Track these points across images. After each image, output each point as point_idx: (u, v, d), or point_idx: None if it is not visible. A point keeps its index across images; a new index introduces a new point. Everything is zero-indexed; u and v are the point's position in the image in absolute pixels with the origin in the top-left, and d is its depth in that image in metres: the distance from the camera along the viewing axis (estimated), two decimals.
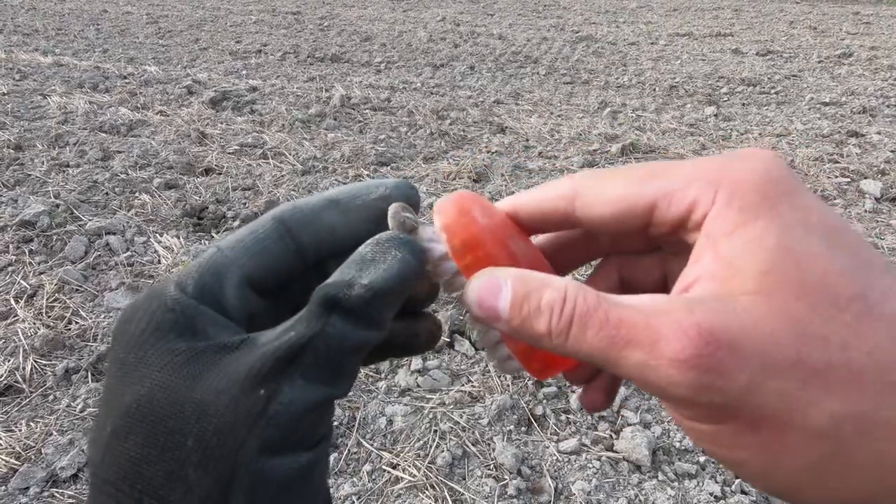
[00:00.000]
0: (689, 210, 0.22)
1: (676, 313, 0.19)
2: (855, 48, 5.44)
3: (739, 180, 0.21)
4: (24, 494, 1.18)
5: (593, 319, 0.20)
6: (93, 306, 1.72)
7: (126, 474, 0.20)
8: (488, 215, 0.25)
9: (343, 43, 5.67)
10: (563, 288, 0.21)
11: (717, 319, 0.19)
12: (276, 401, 0.20)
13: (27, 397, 1.41)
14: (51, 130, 2.96)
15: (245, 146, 2.91)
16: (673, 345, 0.18)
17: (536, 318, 0.21)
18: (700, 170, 0.22)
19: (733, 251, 0.20)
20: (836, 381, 0.18)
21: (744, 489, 1.19)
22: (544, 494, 1.18)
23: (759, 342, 0.18)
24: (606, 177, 0.24)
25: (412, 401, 1.41)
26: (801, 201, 0.20)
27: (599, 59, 5.23)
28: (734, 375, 0.18)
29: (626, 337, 0.19)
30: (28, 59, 4.48)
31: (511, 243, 0.25)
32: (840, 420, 0.18)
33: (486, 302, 0.22)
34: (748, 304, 0.19)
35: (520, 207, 0.27)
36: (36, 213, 2.09)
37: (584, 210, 0.24)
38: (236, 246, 0.25)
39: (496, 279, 0.22)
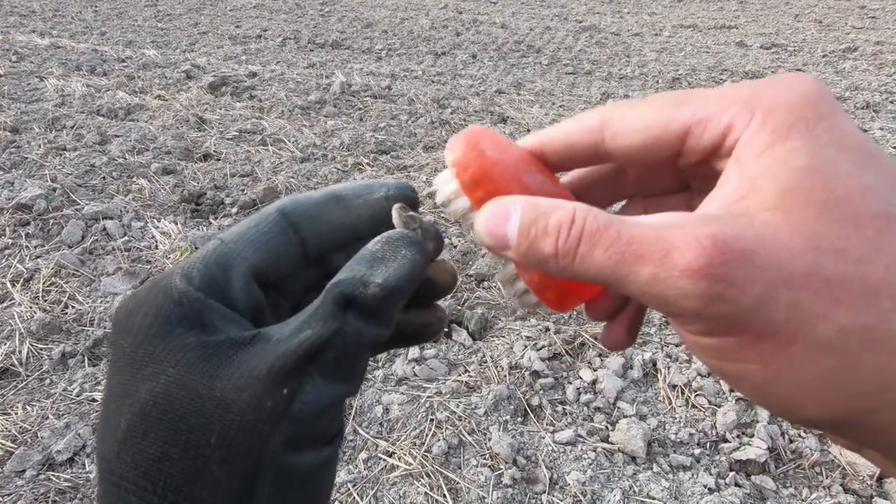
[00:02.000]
0: (724, 135, 0.21)
1: (690, 226, 0.19)
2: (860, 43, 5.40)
3: (776, 102, 0.20)
4: (21, 477, 1.18)
5: (603, 238, 0.19)
6: (89, 291, 1.72)
7: (146, 471, 0.20)
8: (502, 150, 0.25)
9: (344, 29, 5.61)
10: (572, 209, 0.20)
11: (731, 231, 0.18)
12: (299, 399, 0.21)
13: (23, 381, 1.41)
14: (48, 113, 2.93)
15: (244, 132, 2.89)
16: (686, 255, 0.18)
17: (543, 239, 0.21)
18: (736, 94, 0.21)
19: (759, 170, 0.20)
20: (850, 293, 0.18)
21: (737, 482, 1.19)
22: (539, 484, 1.19)
23: (775, 254, 0.18)
24: (637, 105, 0.23)
25: (409, 390, 1.41)
26: (837, 124, 0.20)
27: (603, 50, 5.18)
28: (747, 286, 0.18)
29: (637, 252, 0.19)
30: (25, 40, 4.43)
31: (526, 177, 0.25)
32: (848, 333, 0.18)
33: (495, 229, 0.22)
34: (767, 218, 0.19)
35: (546, 143, 0.26)
36: (32, 196, 2.08)
37: (613, 140, 0.23)
38: (240, 238, 0.25)
39: (505, 206, 0.22)
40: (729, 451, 1.25)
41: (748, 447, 1.25)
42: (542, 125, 3.20)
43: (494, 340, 1.57)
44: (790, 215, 0.19)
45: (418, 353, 1.50)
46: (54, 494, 1.15)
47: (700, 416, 1.35)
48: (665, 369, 1.46)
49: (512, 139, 0.27)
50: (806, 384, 0.19)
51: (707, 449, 1.27)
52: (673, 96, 0.22)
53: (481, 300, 1.73)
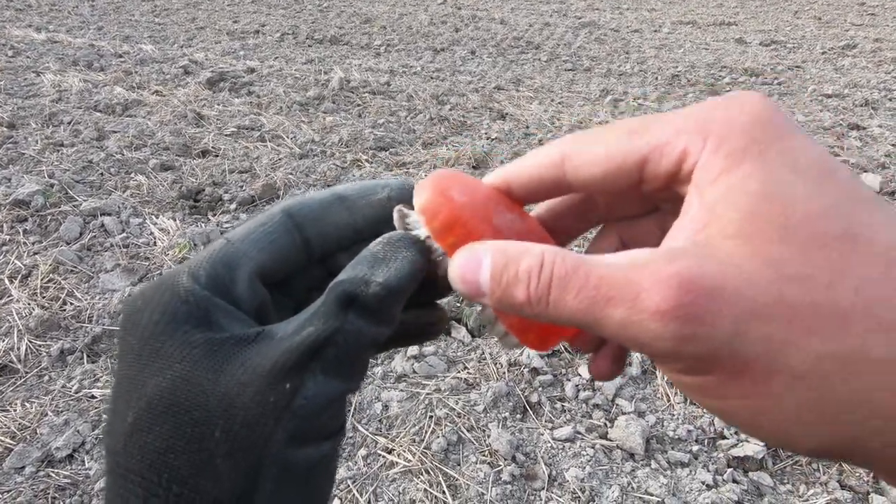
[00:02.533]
0: (680, 161, 0.21)
1: (655, 265, 0.19)
2: (859, 40, 5.39)
3: (727, 127, 0.20)
4: (20, 474, 1.18)
5: (572, 282, 0.19)
6: (88, 287, 1.71)
7: (152, 464, 0.21)
8: (469, 192, 0.25)
9: (343, 24, 5.59)
10: (541, 253, 0.20)
11: (696, 267, 0.18)
12: (301, 395, 0.21)
13: (22, 378, 1.41)
14: (45, 109, 2.92)
15: (242, 128, 2.88)
16: (654, 297, 0.18)
17: (515, 286, 0.21)
18: (689, 118, 0.21)
19: (716, 196, 0.19)
20: (821, 321, 0.17)
21: (735, 478, 1.20)
22: (538, 481, 1.19)
23: (741, 287, 0.18)
24: (593, 137, 0.23)
25: (408, 387, 1.41)
26: (791, 143, 0.20)
27: (602, 46, 5.17)
28: (717, 323, 0.18)
29: (607, 295, 0.19)
30: (21, 35, 4.40)
31: (496, 217, 0.25)
32: (824, 360, 0.17)
33: (469, 277, 0.22)
34: (729, 248, 0.18)
35: (510, 179, 0.26)
36: (30, 192, 2.07)
37: (574, 173, 0.24)
38: (246, 238, 0.25)
39: (476, 254, 0.22)
40: (727, 448, 1.26)
41: (746, 444, 1.26)
42: (541, 122, 3.19)
43: (493, 338, 1.57)
44: (751, 242, 0.18)
45: (417, 350, 1.51)
46: (54, 491, 1.15)
47: (698, 413, 1.35)
48: None
49: (510, 136, 0.26)
50: (790, 415, 0.18)
51: (705, 446, 1.28)
52: (630, 125, 0.23)
53: None
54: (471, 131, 3.03)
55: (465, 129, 3.06)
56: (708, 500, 1.14)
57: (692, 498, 1.16)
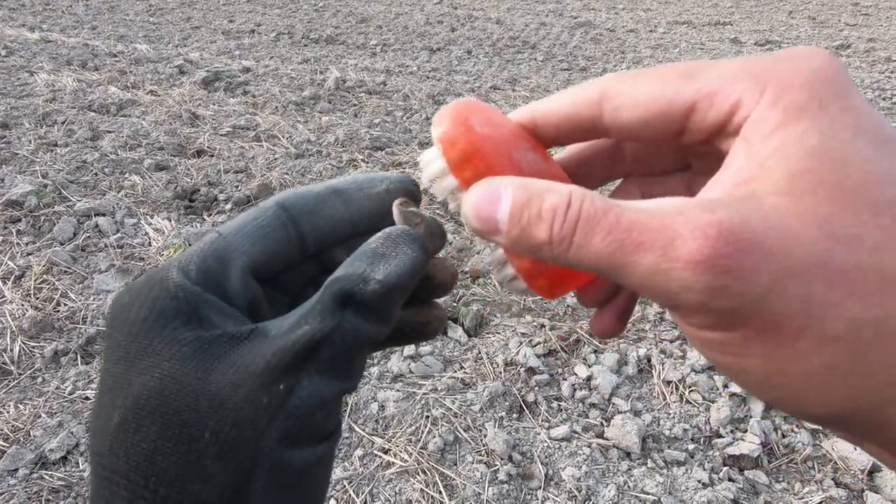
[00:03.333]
0: (732, 112, 0.20)
1: (695, 212, 0.17)
2: (853, 40, 5.42)
3: (788, 79, 0.19)
4: (13, 476, 1.17)
5: (601, 224, 0.18)
6: (82, 288, 1.70)
7: (138, 466, 0.20)
8: (491, 124, 0.23)
9: (338, 24, 5.58)
10: (568, 192, 0.19)
11: (739, 218, 0.17)
12: (296, 395, 0.20)
13: (16, 379, 1.40)
14: (38, 108, 2.90)
15: (238, 128, 2.87)
16: (689, 244, 0.17)
17: (537, 224, 0.19)
18: (746, 68, 0.20)
19: (767, 151, 0.18)
20: (864, 284, 0.17)
21: (731, 476, 1.20)
22: (534, 480, 1.19)
23: (784, 242, 0.17)
24: (639, 77, 0.22)
25: (404, 387, 1.41)
26: (853, 103, 0.19)
27: (598, 46, 5.18)
28: (753, 278, 0.17)
29: (638, 240, 0.18)
30: (14, 34, 4.37)
31: (517, 154, 0.23)
32: (860, 325, 0.17)
33: (484, 212, 0.20)
34: (776, 203, 0.18)
35: (539, 115, 0.24)
36: (23, 192, 2.06)
37: (613, 114, 0.22)
38: (238, 232, 0.25)
39: (496, 187, 0.21)
40: (722, 447, 1.26)
41: (741, 442, 1.26)
42: None
43: (490, 337, 1.57)
44: (801, 200, 0.17)
45: (414, 349, 1.50)
46: (47, 493, 1.14)
47: (694, 411, 1.36)
48: (659, 365, 1.47)
49: None
50: (813, 378, 0.18)
51: (701, 444, 1.28)
52: (679, 68, 0.21)
53: (477, 297, 1.74)
54: None
55: None
56: (704, 499, 1.14)
57: (688, 496, 1.16)
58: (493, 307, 1.70)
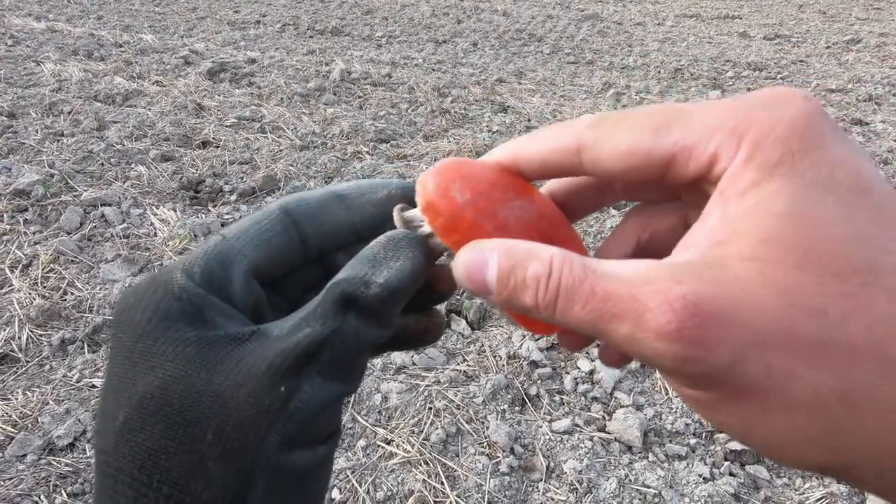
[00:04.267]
0: (710, 164, 0.20)
1: (662, 283, 0.18)
2: (864, 34, 5.35)
3: (764, 132, 0.19)
4: (22, 461, 1.19)
5: (579, 293, 0.19)
6: (88, 278, 1.72)
7: (143, 465, 0.20)
8: (472, 186, 0.24)
9: (344, 15, 5.55)
10: (549, 260, 0.20)
11: (704, 290, 0.18)
12: (297, 397, 0.21)
13: (23, 367, 1.41)
14: (44, 98, 2.91)
15: (243, 119, 2.87)
16: (658, 318, 0.18)
17: (523, 291, 0.20)
18: (722, 118, 0.20)
19: (739, 213, 0.19)
20: (827, 356, 0.17)
21: (732, 471, 1.21)
22: (536, 473, 1.20)
23: (748, 314, 0.18)
24: (614, 125, 0.22)
25: (407, 378, 1.42)
26: (828, 156, 0.18)
27: (605, 39, 5.14)
28: (719, 348, 0.18)
29: (612, 310, 0.19)
30: (21, 24, 4.38)
31: (502, 209, 0.24)
32: (827, 393, 0.17)
33: (474, 277, 0.22)
34: (742, 272, 0.18)
35: (520, 159, 0.25)
36: (30, 182, 2.07)
37: (591, 164, 0.23)
38: (242, 235, 0.25)
39: (482, 253, 0.22)
40: (724, 441, 1.26)
41: None
42: (543, 115, 3.18)
43: (493, 330, 1.58)
44: (766, 268, 0.18)
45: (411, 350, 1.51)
46: (55, 479, 1.16)
47: None
48: None
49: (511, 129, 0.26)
50: (784, 437, 0.19)
51: (703, 439, 1.29)
52: (654, 117, 0.21)
53: None
54: (472, 124, 3.02)
55: (467, 122, 3.05)
56: (705, 493, 1.14)
57: (689, 490, 1.16)
58: None
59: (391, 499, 1.15)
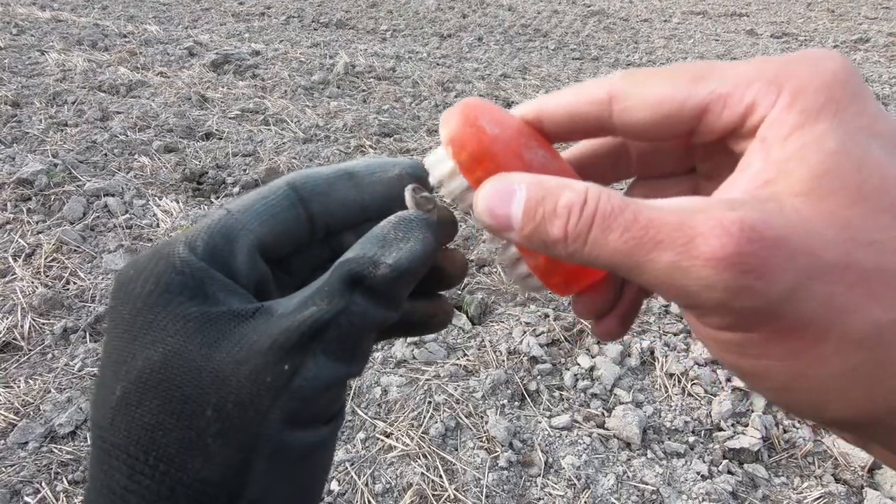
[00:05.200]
0: (746, 114, 0.19)
1: (716, 209, 0.17)
2: (872, 33, 5.31)
3: (804, 82, 0.19)
4: (23, 449, 1.20)
5: (618, 221, 0.18)
6: (91, 267, 1.72)
7: (139, 440, 0.20)
8: (500, 124, 0.23)
9: (349, 8, 5.53)
10: (584, 189, 0.19)
11: (762, 217, 0.17)
12: (301, 375, 0.20)
13: (26, 355, 1.42)
14: (49, 88, 2.91)
15: (246, 111, 2.87)
16: (711, 242, 0.16)
17: (552, 221, 0.19)
18: (760, 70, 0.20)
19: (786, 153, 0.18)
20: (886, 287, 0.17)
21: (730, 469, 1.21)
22: (534, 468, 1.20)
23: (808, 243, 0.17)
24: (648, 76, 0.21)
25: (408, 372, 1.42)
26: (868, 107, 0.19)
27: (610, 36, 5.11)
28: (777, 277, 0.16)
29: (656, 237, 0.17)
30: (25, 13, 4.38)
31: (527, 154, 0.23)
32: (882, 328, 0.17)
33: (497, 208, 0.20)
34: (797, 204, 0.18)
35: (546, 113, 0.24)
36: (34, 171, 2.07)
37: (622, 115, 0.22)
38: (247, 210, 0.24)
39: (509, 183, 0.20)
40: (723, 440, 1.26)
41: (742, 436, 1.26)
42: None
43: (494, 325, 1.58)
44: (822, 202, 0.17)
45: (417, 336, 1.51)
46: (57, 466, 1.16)
47: (696, 404, 1.36)
48: (662, 358, 1.47)
49: None
50: (833, 381, 0.18)
51: (701, 437, 1.29)
52: (691, 69, 0.21)
53: (481, 285, 1.74)
54: None
55: None
56: (703, 491, 1.15)
57: (687, 488, 1.17)
58: (497, 296, 1.70)
59: (390, 491, 1.15)
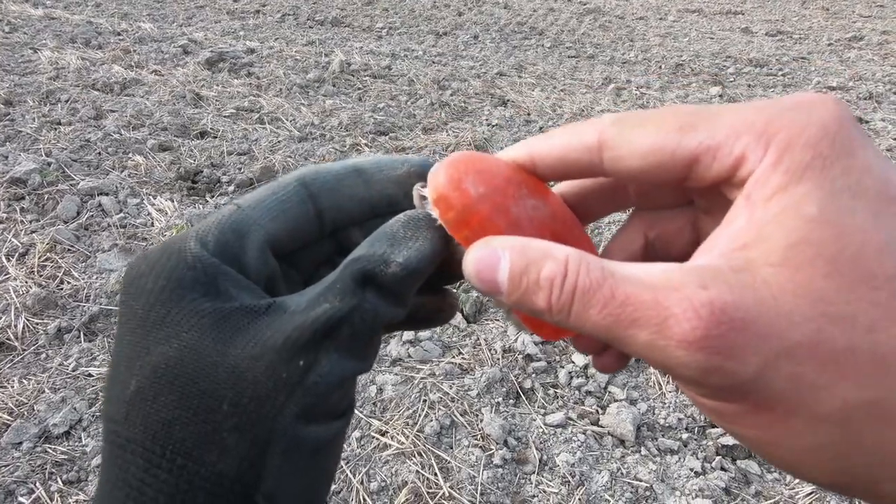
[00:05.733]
0: (735, 167, 0.19)
1: (687, 289, 0.17)
2: (866, 32, 5.33)
3: (793, 135, 0.18)
4: (17, 449, 1.19)
5: (597, 296, 0.18)
6: (85, 267, 1.72)
7: (155, 435, 0.20)
8: (485, 180, 0.23)
9: (344, 6, 5.51)
10: (564, 260, 0.19)
11: (731, 296, 0.17)
12: (315, 372, 0.21)
13: (19, 355, 1.42)
14: (42, 86, 2.89)
15: (241, 110, 2.86)
16: (683, 325, 0.17)
17: (535, 293, 0.20)
18: (749, 120, 0.19)
19: (767, 216, 0.18)
20: (856, 366, 0.17)
21: (723, 466, 1.22)
22: (529, 465, 1.21)
23: (777, 321, 0.17)
24: (637, 123, 0.21)
25: (403, 371, 1.42)
26: (858, 162, 0.18)
27: (606, 33, 5.11)
28: (745, 359, 0.17)
29: (632, 315, 0.18)
30: (18, 10, 4.34)
31: (515, 207, 0.24)
32: (852, 407, 0.17)
33: (485, 275, 0.21)
34: (770, 277, 0.17)
35: (536, 157, 0.24)
36: (27, 170, 2.06)
37: (612, 163, 0.22)
38: (258, 205, 0.24)
39: (493, 250, 0.21)
40: (716, 437, 1.27)
41: None
42: (543, 109, 3.17)
43: (489, 324, 1.58)
44: (795, 273, 0.17)
45: (413, 334, 1.51)
46: (51, 466, 1.16)
47: (689, 401, 1.37)
48: None
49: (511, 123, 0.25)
50: (806, 454, 0.18)
51: (695, 434, 1.30)
52: (679, 117, 0.21)
53: None
54: (472, 117, 3.01)
55: (466, 115, 3.04)
56: (696, 487, 1.16)
57: (680, 485, 1.17)
58: None
59: (385, 489, 1.16)
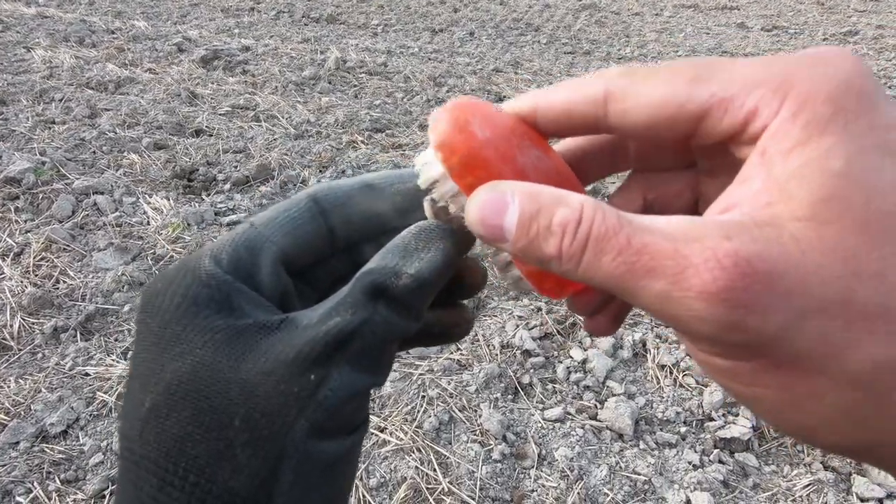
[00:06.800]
0: (747, 121, 0.18)
1: (710, 239, 0.17)
2: (861, 26, 5.34)
3: (811, 89, 0.17)
4: (14, 449, 1.19)
5: (611, 243, 0.17)
6: (81, 266, 1.71)
7: (169, 452, 0.20)
8: (491, 125, 0.23)
9: (339, 3, 5.49)
10: (579, 206, 0.18)
11: (757, 248, 0.16)
12: (326, 386, 0.21)
13: (16, 354, 1.41)
14: (35, 85, 2.87)
15: (237, 108, 2.85)
16: (703, 275, 0.16)
17: (546, 239, 0.19)
18: (765, 73, 0.18)
19: (788, 171, 0.17)
20: (885, 323, 0.16)
21: (721, 459, 1.22)
22: (528, 460, 1.21)
23: (804, 277, 0.16)
24: (646, 76, 0.20)
25: (401, 367, 1.42)
26: (882, 119, 0.17)
27: (602, 29, 5.11)
28: (770, 314, 0.16)
29: (649, 264, 0.17)
30: (10, 9, 4.31)
31: (520, 156, 0.23)
32: (880, 365, 0.16)
33: (490, 220, 0.20)
34: (797, 232, 0.17)
35: (540, 109, 0.23)
36: (21, 170, 2.05)
37: (618, 116, 0.21)
38: (270, 223, 0.25)
39: (501, 195, 0.20)
40: (714, 430, 1.28)
41: (733, 426, 1.28)
42: None
43: (487, 320, 1.58)
44: (824, 229, 0.16)
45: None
46: (48, 466, 1.16)
47: (687, 395, 1.37)
48: (654, 349, 1.48)
49: None
50: (826, 415, 0.18)
51: (693, 427, 1.30)
52: (691, 67, 0.19)
53: None
54: None
55: None
56: (694, 480, 1.16)
57: (679, 478, 1.18)
58: (490, 290, 1.70)
59: (384, 485, 1.16)
